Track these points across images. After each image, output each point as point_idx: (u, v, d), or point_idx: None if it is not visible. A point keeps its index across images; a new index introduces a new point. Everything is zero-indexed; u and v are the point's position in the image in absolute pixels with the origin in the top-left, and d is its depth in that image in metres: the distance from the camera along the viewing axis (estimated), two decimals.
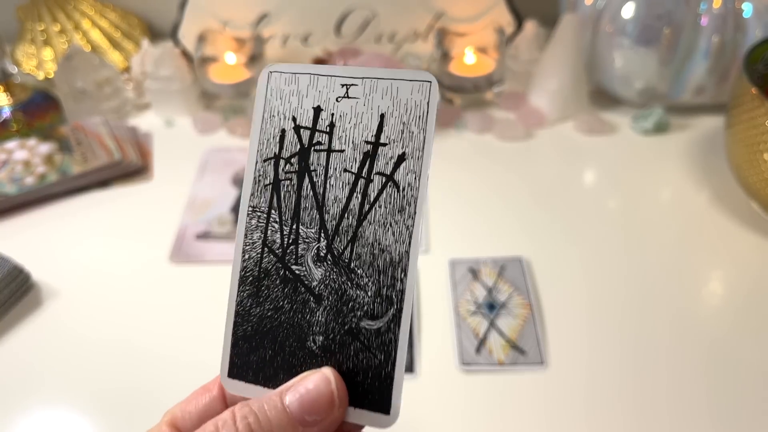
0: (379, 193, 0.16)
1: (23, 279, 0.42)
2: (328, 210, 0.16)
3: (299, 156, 0.16)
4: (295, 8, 0.60)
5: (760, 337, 0.38)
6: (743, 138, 0.42)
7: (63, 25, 0.63)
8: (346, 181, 0.16)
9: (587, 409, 0.34)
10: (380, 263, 0.15)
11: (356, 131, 0.16)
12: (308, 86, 0.16)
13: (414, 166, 0.15)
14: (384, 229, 0.16)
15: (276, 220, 0.16)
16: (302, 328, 0.16)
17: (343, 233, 0.16)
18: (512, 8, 0.61)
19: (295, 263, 0.16)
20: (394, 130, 0.15)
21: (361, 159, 0.16)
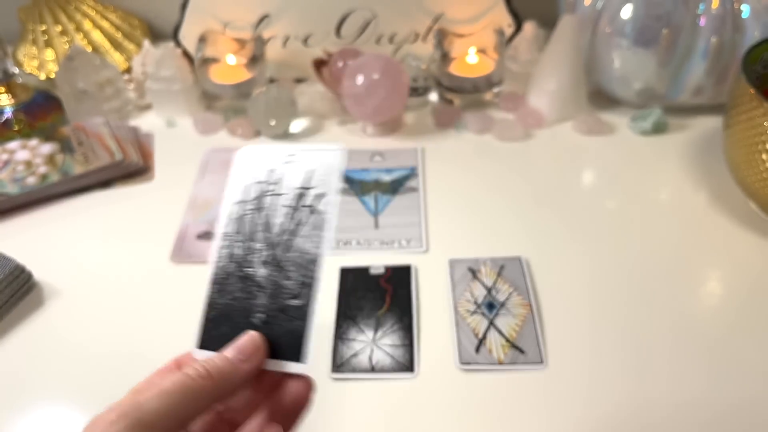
0: (306, 218, 0.25)
1: (25, 278, 0.42)
2: (272, 231, 0.25)
3: (257, 199, 0.25)
4: (296, 9, 0.61)
5: (759, 336, 0.38)
6: (741, 138, 0.42)
7: (64, 26, 0.63)
8: (284, 213, 0.25)
9: (586, 409, 0.34)
10: (303, 262, 0.24)
11: (294, 181, 0.25)
12: (266, 157, 0.26)
13: (328, 199, 0.25)
14: (306, 240, 0.24)
15: (239, 240, 0.25)
16: (249, 309, 0.24)
17: (281, 245, 0.24)
18: (511, 9, 0.61)
19: (248, 267, 0.25)
20: (318, 179, 0.25)
21: (296, 197, 0.25)
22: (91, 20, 0.64)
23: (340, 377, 0.36)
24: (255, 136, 0.57)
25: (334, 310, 0.40)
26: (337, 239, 0.46)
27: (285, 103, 0.55)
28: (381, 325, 0.39)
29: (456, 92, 0.59)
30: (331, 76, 0.59)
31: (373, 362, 0.37)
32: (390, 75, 0.53)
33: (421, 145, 0.55)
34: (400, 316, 0.40)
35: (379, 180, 0.52)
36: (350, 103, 0.55)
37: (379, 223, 0.47)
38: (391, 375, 0.36)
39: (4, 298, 0.40)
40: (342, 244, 0.45)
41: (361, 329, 0.39)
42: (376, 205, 0.49)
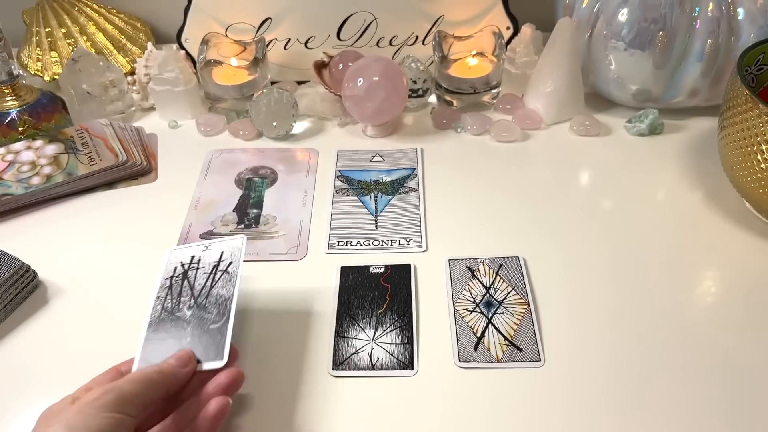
0: (220, 277, 0.36)
1: (29, 278, 0.42)
2: (195, 288, 0.36)
3: (183, 273, 0.38)
4: (297, 12, 0.61)
5: (755, 336, 0.38)
6: (736, 139, 0.43)
7: (68, 28, 0.64)
8: (205, 276, 0.37)
9: (584, 406, 0.35)
10: (219, 302, 0.35)
11: (211, 259, 0.38)
12: (189, 249, 0.39)
13: (235, 265, 0.37)
14: (222, 289, 0.36)
15: (170, 298, 0.36)
16: (180, 339, 0.34)
17: (202, 295, 0.36)
18: (509, 12, 0.62)
19: (178, 311, 0.35)
20: (227, 254, 0.37)
21: (212, 267, 0.37)
22: (95, 23, 0.65)
23: (341, 375, 0.37)
24: (257, 137, 0.58)
25: (335, 308, 0.41)
26: (338, 239, 0.46)
27: (286, 105, 0.56)
28: (381, 323, 0.40)
29: (455, 94, 0.60)
30: (332, 78, 0.60)
31: (373, 360, 0.37)
32: (390, 77, 0.54)
33: (420, 146, 0.56)
34: (399, 315, 0.40)
35: (379, 180, 0.52)
36: (351, 105, 0.55)
37: (379, 223, 0.48)
38: (391, 373, 0.37)
39: (8, 297, 0.41)
40: (342, 243, 0.46)
41: (361, 327, 0.40)
42: (376, 205, 0.50)
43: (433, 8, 0.61)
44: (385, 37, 0.62)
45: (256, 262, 0.44)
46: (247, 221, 0.48)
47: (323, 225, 0.48)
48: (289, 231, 0.47)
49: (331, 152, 0.55)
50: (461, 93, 0.59)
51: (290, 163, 0.55)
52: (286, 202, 0.50)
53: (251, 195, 0.51)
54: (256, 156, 0.55)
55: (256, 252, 0.45)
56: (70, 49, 0.63)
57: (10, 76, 0.55)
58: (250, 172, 0.53)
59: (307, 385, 0.36)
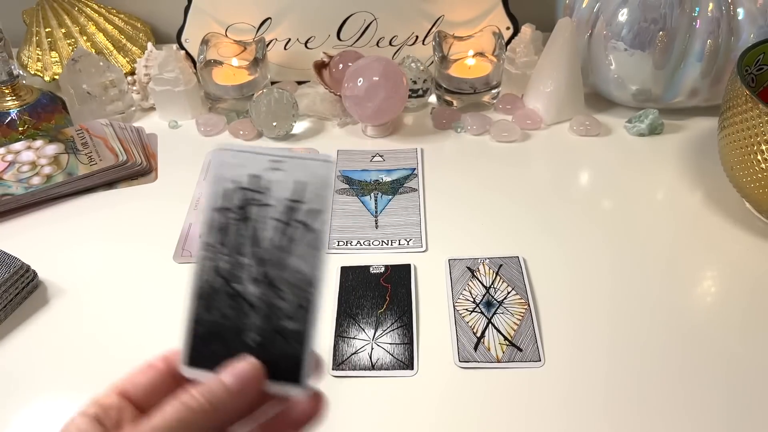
0: (299, 235, 0.23)
1: (29, 278, 0.42)
2: (262, 245, 0.23)
3: (241, 208, 0.23)
4: (297, 13, 0.61)
5: (754, 336, 0.38)
6: (736, 139, 0.43)
7: (68, 28, 0.64)
8: (274, 226, 0.23)
9: (584, 406, 0.35)
10: (299, 283, 0.22)
11: (283, 192, 0.23)
12: (248, 160, 0.23)
13: (322, 217, 0.23)
14: (302, 260, 0.22)
15: (224, 253, 0.23)
16: (242, 329, 0.22)
17: (273, 263, 0.23)
18: (509, 12, 0.62)
19: (238, 283, 0.23)
20: (310, 193, 0.23)
21: (286, 211, 0.23)
22: (95, 23, 0.65)
23: (341, 375, 0.37)
24: (257, 137, 0.58)
25: (335, 308, 0.41)
26: (338, 239, 0.46)
27: (286, 105, 0.56)
28: (381, 323, 0.40)
29: (455, 94, 0.60)
30: (332, 78, 0.60)
31: (373, 360, 0.37)
32: (390, 77, 0.54)
33: (420, 146, 0.56)
34: (399, 315, 0.40)
35: (379, 180, 0.52)
36: (351, 105, 0.55)
37: (379, 223, 0.48)
38: (391, 373, 0.37)
39: (8, 297, 0.41)
40: (342, 243, 0.46)
41: (361, 327, 0.40)
42: (376, 205, 0.50)
43: (433, 8, 0.61)
44: (385, 37, 0.62)
45: None
46: None
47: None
48: None
49: (331, 152, 0.55)
50: (461, 93, 0.59)
51: None
52: None
53: None
54: None
55: None
56: (70, 49, 0.63)
57: (10, 76, 0.55)
58: None
59: None
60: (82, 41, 0.63)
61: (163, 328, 0.40)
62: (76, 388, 0.37)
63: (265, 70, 0.60)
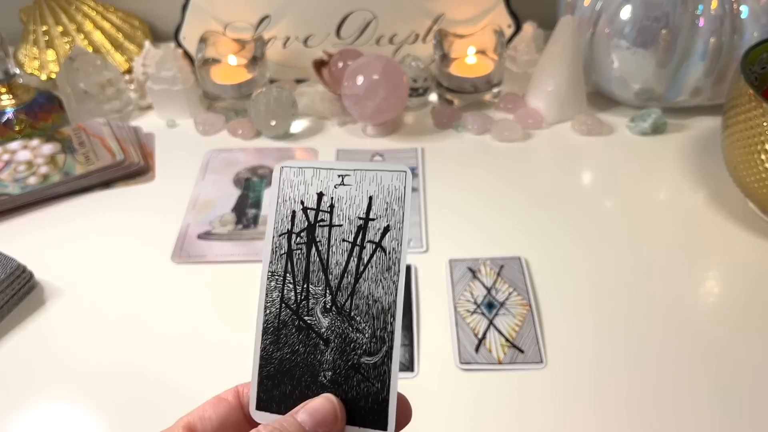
0: (371, 257, 0.21)
1: (26, 278, 0.42)
2: (331, 272, 0.21)
3: (307, 231, 0.21)
4: (296, 10, 0.61)
5: (757, 336, 0.38)
6: (740, 138, 0.42)
7: (65, 26, 0.63)
8: (344, 249, 0.21)
9: (586, 408, 0.35)
10: (374, 311, 0.20)
11: (350, 210, 0.21)
12: (312, 177, 0.21)
13: (396, 235, 0.21)
14: (375, 285, 0.20)
15: (290, 282, 0.21)
16: (314, 366, 0.21)
17: (343, 289, 0.21)
18: (511, 10, 0.61)
19: (307, 314, 0.21)
20: (380, 208, 0.21)
21: (356, 231, 0.21)
22: (93, 21, 0.64)
23: None
24: (255, 137, 0.57)
25: None
26: None
27: (285, 104, 0.56)
28: None
29: (456, 93, 0.59)
30: (332, 76, 0.60)
31: None
32: (390, 76, 0.53)
33: (421, 146, 0.55)
34: None
35: None
36: (350, 104, 0.55)
37: None
38: None
39: (5, 298, 0.41)
40: None
41: None
42: None
43: (433, 6, 0.61)
44: (385, 35, 0.62)
45: (254, 263, 0.44)
46: (245, 221, 0.48)
47: None
48: None
49: (330, 152, 0.55)
50: (462, 92, 0.59)
51: None
52: None
53: (250, 195, 0.51)
54: (255, 156, 0.55)
55: (255, 252, 0.45)
56: (67, 47, 0.63)
57: (6, 75, 0.55)
58: (248, 172, 0.53)
59: None
60: (79, 39, 0.63)
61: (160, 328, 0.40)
62: (73, 389, 0.37)
63: (263, 68, 0.59)
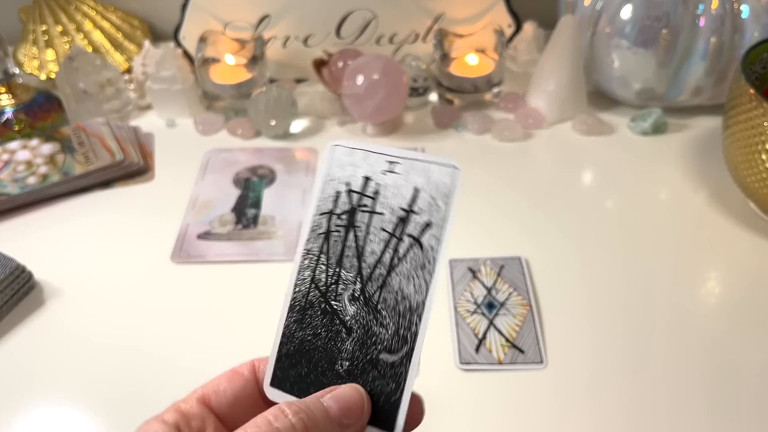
0: (407, 251, 0.20)
1: (25, 278, 0.42)
2: (365, 260, 0.20)
3: (348, 213, 0.20)
4: (296, 10, 0.61)
5: (757, 336, 0.38)
6: (741, 138, 0.42)
7: (65, 26, 0.63)
8: (381, 239, 0.20)
9: (586, 408, 0.35)
10: (401, 308, 0.19)
11: (395, 199, 0.20)
12: (362, 159, 0.21)
13: (436, 233, 0.20)
14: (407, 281, 0.20)
15: (324, 263, 0.21)
16: (333, 353, 0.20)
17: (374, 280, 0.20)
18: (511, 9, 0.61)
19: (335, 300, 0.20)
20: (424, 202, 0.20)
21: (396, 222, 0.20)
22: (92, 21, 0.64)
23: None
24: (255, 136, 0.57)
25: None
26: None
27: (285, 104, 0.56)
28: None
29: (456, 92, 0.59)
30: (331, 76, 0.59)
31: None
32: (390, 75, 0.53)
33: (421, 145, 0.55)
34: None
35: None
36: (350, 104, 0.55)
37: None
38: None
39: (4, 298, 0.41)
40: None
41: None
42: None
43: (433, 5, 0.61)
44: (385, 34, 0.62)
45: (254, 263, 0.44)
46: (245, 221, 0.48)
47: None
48: (287, 231, 0.47)
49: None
50: (462, 91, 0.59)
51: (289, 163, 0.54)
52: (284, 202, 0.50)
53: (249, 195, 0.51)
54: (255, 155, 0.55)
55: (254, 252, 0.45)
56: (66, 47, 0.63)
57: (6, 74, 0.55)
58: (248, 172, 0.53)
59: None
60: (79, 39, 0.63)
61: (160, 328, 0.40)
62: (72, 390, 0.36)
63: (263, 68, 0.59)
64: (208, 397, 0.20)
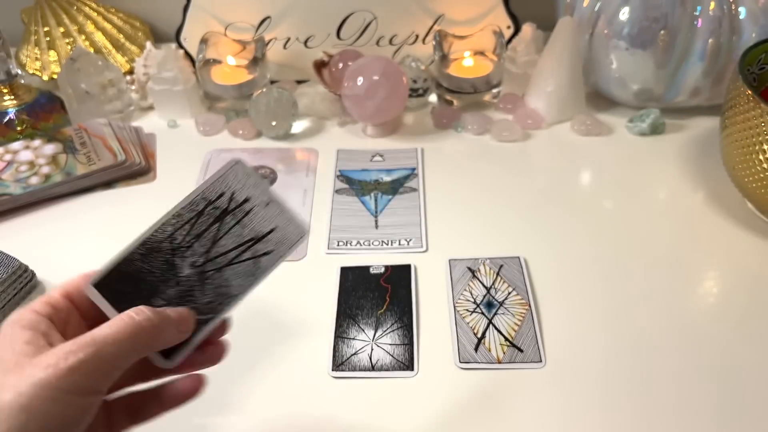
0: (246, 260, 0.27)
1: (27, 278, 0.42)
2: (216, 247, 0.26)
3: (222, 211, 0.27)
4: (297, 11, 0.61)
5: (756, 336, 0.38)
6: (738, 139, 0.43)
7: (67, 27, 0.63)
8: (234, 242, 0.27)
9: (584, 407, 0.35)
10: (222, 291, 0.26)
11: (258, 225, 0.27)
12: (251, 183, 0.27)
13: (272, 262, 0.27)
14: (235, 277, 0.26)
15: (186, 230, 0.26)
16: (157, 290, 0.25)
17: (214, 263, 0.26)
18: (510, 11, 0.61)
19: (179, 257, 0.26)
20: (275, 239, 0.27)
21: (250, 239, 0.27)
22: (94, 22, 0.65)
23: (341, 376, 0.37)
24: (256, 137, 0.58)
25: (335, 309, 0.41)
26: (338, 239, 0.46)
27: (286, 104, 0.56)
28: (381, 324, 0.40)
29: (455, 93, 0.59)
30: (332, 77, 0.60)
31: (374, 361, 0.37)
32: (390, 76, 0.53)
33: (420, 146, 0.56)
34: (399, 315, 0.40)
35: (379, 180, 0.52)
36: (350, 104, 0.55)
37: (379, 223, 0.48)
38: (391, 373, 0.37)
39: (7, 298, 0.41)
40: (342, 243, 0.46)
41: (361, 328, 0.39)
42: (376, 205, 0.49)
43: (433, 7, 0.61)
44: (385, 36, 0.62)
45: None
46: None
47: (323, 225, 0.47)
48: None
49: (330, 152, 0.55)
50: (462, 92, 0.59)
51: (290, 163, 0.54)
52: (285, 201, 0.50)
53: None
54: (256, 155, 0.55)
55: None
56: (68, 48, 0.63)
57: (8, 75, 0.55)
58: None
59: (307, 386, 0.36)
60: (81, 40, 0.63)
61: None
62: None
63: (264, 69, 0.60)
64: (71, 293, 0.24)
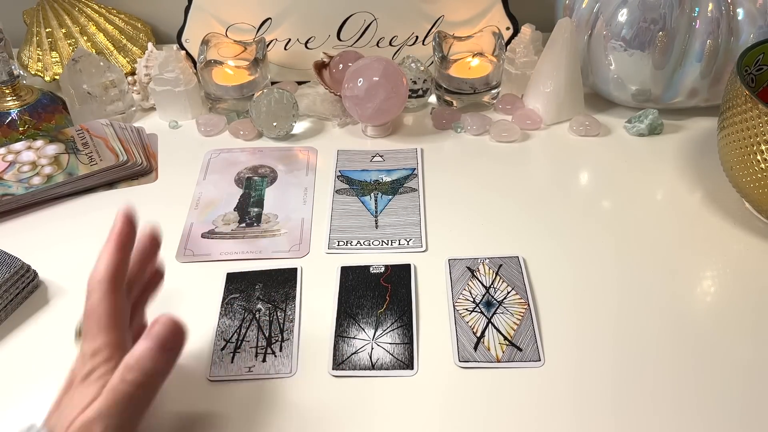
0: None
1: (30, 278, 0.42)
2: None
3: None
4: (298, 13, 0.61)
5: (753, 336, 0.38)
6: (736, 140, 0.43)
7: (69, 28, 0.64)
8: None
9: (583, 406, 0.35)
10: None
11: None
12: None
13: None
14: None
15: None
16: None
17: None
18: (509, 12, 0.62)
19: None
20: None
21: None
22: (96, 23, 0.65)
23: (341, 375, 0.37)
24: (257, 137, 0.58)
25: (335, 308, 0.41)
26: (338, 239, 0.47)
27: (286, 105, 0.56)
28: (381, 323, 0.40)
29: (455, 94, 0.60)
30: (332, 78, 0.60)
31: (373, 360, 0.38)
32: (390, 77, 0.54)
33: (420, 146, 0.56)
34: (399, 315, 0.40)
35: (379, 180, 0.52)
36: (351, 105, 0.55)
37: (379, 223, 0.48)
38: (391, 372, 0.37)
39: (9, 297, 0.41)
40: (342, 243, 0.46)
41: (361, 327, 0.40)
42: (376, 205, 0.50)
43: (433, 8, 0.61)
44: (385, 37, 0.63)
45: (259, 260, 0.45)
46: (248, 220, 0.49)
47: (323, 225, 0.48)
48: (290, 229, 0.47)
49: (331, 152, 0.55)
50: (461, 93, 0.59)
51: (290, 162, 0.55)
52: (286, 200, 0.50)
53: (252, 194, 0.51)
54: (256, 155, 0.56)
55: (259, 250, 0.45)
56: (70, 49, 0.63)
57: (10, 76, 0.55)
58: (249, 171, 0.54)
59: (307, 385, 0.36)
60: (83, 41, 0.64)
61: None
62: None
63: (265, 70, 0.60)
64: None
